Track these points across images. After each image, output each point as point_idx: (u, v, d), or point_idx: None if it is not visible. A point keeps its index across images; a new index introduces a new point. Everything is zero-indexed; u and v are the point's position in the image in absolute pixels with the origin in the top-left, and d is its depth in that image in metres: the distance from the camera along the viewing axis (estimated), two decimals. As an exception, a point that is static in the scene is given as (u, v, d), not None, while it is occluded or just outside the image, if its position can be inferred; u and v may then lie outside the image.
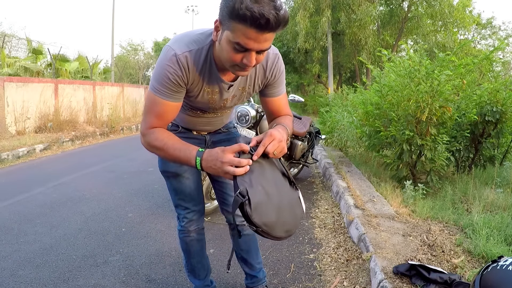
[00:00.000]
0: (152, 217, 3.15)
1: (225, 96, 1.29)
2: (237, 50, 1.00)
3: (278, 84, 1.33)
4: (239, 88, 1.29)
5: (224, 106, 1.36)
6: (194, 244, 1.67)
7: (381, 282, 1.80)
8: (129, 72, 27.18)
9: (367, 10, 13.86)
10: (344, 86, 12.79)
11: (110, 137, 8.98)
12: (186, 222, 1.60)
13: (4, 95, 7.25)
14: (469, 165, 3.93)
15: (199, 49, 1.14)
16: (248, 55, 1.01)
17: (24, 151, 6.06)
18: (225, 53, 1.04)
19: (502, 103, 3.49)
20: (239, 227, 1.60)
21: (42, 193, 3.82)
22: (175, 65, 1.11)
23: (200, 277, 1.75)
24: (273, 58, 1.26)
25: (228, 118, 1.58)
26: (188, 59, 1.13)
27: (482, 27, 19.62)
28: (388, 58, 3.89)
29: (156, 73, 1.15)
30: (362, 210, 2.87)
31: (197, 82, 1.20)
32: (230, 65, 1.07)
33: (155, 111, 1.18)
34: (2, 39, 11.03)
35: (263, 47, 1.00)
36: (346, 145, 6.05)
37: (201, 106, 1.34)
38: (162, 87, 1.14)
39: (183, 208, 1.58)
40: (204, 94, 1.25)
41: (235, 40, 0.98)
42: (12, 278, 2.07)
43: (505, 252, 2.07)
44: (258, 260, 1.79)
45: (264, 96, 1.36)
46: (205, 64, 1.16)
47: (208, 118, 1.46)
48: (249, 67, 1.05)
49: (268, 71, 1.27)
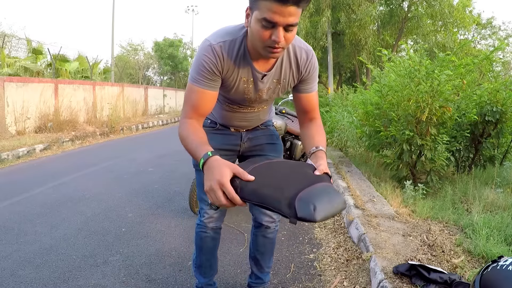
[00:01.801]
0: (152, 217, 3.15)
1: (260, 86, 1.32)
2: (265, 27, 1.05)
3: (311, 80, 1.36)
4: (273, 80, 1.32)
5: (259, 98, 1.38)
6: (208, 241, 1.68)
7: (381, 282, 1.80)
8: (129, 72, 27.16)
9: (367, 10, 13.86)
10: (344, 86, 12.79)
11: (110, 137, 8.97)
12: (207, 217, 1.62)
13: (4, 95, 7.25)
14: (469, 165, 3.93)
15: (233, 40, 1.21)
16: (275, 31, 1.05)
17: (24, 151, 6.06)
18: (255, 33, 1.09)
19: (502, 103, 3.49)
20: (264, 227, 1.65)
21: (42, 193, 3.82)
22: (210, 54, 1.19)
23: (206, 276, 1.76)
24: (307, 53, 1.30)
25: (265, 115, 1.59)
26: (223, 49, 1.20)
27: (482, 27, 19.63)
28: (388, 58, 3.89)
29: (194, 63, 1.23)
30: (362, 210, 2.87)
31: (231, 71, 1.25)
32: (261, 47, 1.11)
33: (192, 99, 1.24)
34: (2, 39, 11.03)
35: (288, 21, 1.03)
36: (346, 145, 6.05)
37: (237, 98, 1.38)
38: (198, 76, 1.21)
39: (207, 203, 1.59)
40: (240, 84, 1.29)
41: (262, 16, 1.03)
42: (12, 278, 2.07)
43: (505, 252, 2.07)
44: (268, 264, 1.81)
45: (298, 92, 1.38)
46: (239, 53, 1.22)
47: (245, 113, 1.49)
48: (279, 47, 1.08)
49: (302, 66, 1.30)
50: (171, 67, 26.84)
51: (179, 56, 26.79)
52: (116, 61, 21.51)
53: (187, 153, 1.19)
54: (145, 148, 7.20)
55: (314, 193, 0.94)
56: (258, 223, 1.69)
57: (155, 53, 27.63)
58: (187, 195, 3.69)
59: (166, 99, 17.62)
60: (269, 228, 1.67)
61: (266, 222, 1.65)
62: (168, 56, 26.29)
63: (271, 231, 1.69)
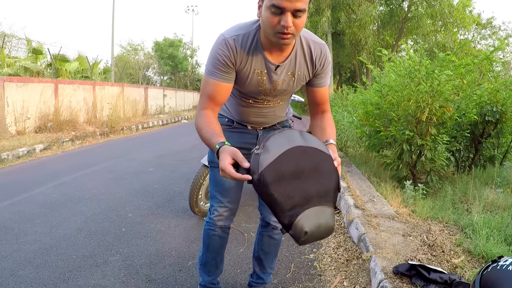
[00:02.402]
0: (152, 217, 3.15)
1: (274, 77, 1.34)
2: (274, 13, 1.11)
3: (325, 74, 1.41)
4: (288, 72, 1.35)
5: (274, 91, 1.40)
6: (216, 240, 1.69)
7: (381, 282, 1.80)
8: (129, 72, 27.16)
9: (367, 10, 13.88)
10: (344, 86, 12.79)
11: (110, 137, 8.97)
12: (216, 215, 1.63)
13: (4, 95, 7.25)
14: (469, 165, 3.93)
15: (246, 33, 1.27)
16: (284, 17, 1.10)
17: (24, 151, 6.06)
18: (265, 20, 1.15)
19: (502, 103, 3.49)
20: (271, 228, 1.66)
21: (42, 193, 3.82)
22: (223, 47, 1.25)
23: (210, 274, 1.77)
24: (321, 48, 1.35)
25: (282, 111, 1.59)
26: (236, 42, 1.26)
27: (482, 27, 19.64)
28: (388, 58, 3.89)
29: (209, 57, 1.30)
30: (362, 210, 2.87)
31: (245, 63, 1.29)
32: (272, 33, 1.16)
33: (207, 91, 1.31)
34: (2, 39, 11.03)
35: (296, 6, 1.09)
36: (346, 145, 6.05)
37: (252, 90, 1.40)
38: (213, 68, 1.28)
39: (217, 200, 1.61)
40: (254, 76, 1.33)
41: (271, 3, 1.09)
42: (12, 278, 2.07)
43: (505, 252, 2.07)
44: (271, 265, 1.82)
45: (311, 86, 1.43)
46: (252, 46, 1.27)
47: (260, 108, 1.51)
48: (289, 33, 1.13)
49: (317, 60, 1.35)
50: (171, 67, 26.81)
51: (179, 56, 26.75)
52: (116, 61, 21.51)
53: (187, 153, 1.22)
54: (145, 148, 7.20)
55: (312, 217, 1.07)
56: (265, 223, 1.69)
57: (155, 53, 27.60)
58: (187, 195, 3.69)
59: (166, 99, 17.62)
60: (276, 229, 1.67)
61: (274, 223, 1.65)
62: (168, 56, 26.26)
63: (278, 232, 1.69)
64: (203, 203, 3.09)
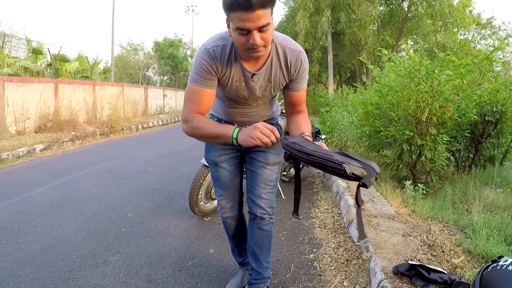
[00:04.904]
0: (152, 217, 3.15)
1: (251, 84, 1.44)
2: (242, 34, 1.18)
3: (301, 79, 1.48)
4: (264, 79, 1.44)
5: (253, 96, 1.50)
6: (232, 228, 1.87)
7: (381, 282, 1.80)
8: (129, 72, 27.18)
9: (367, 10, 13.86)
10: (344, 86, 12.80)
11: (110, 137, 8.98)
12: (220, 208, 1.80)
13: (4, 95, 7.25)
14: (469, 165, 3.93)
15: (225, 45, 1.36)
16: (251, 36, 1.17)
17: (24, 151, 6.06)
18: (235, 40, 1.23)
19: (502, 103, 3.49)
20: (259, 219, 1.71)
21: (42, 193, 3.82)
22: (205, 56, 1.35)
23: (241, 255, 2.00)
24: (296, 55, 1.41)
25: (266, 111, 1.67)
26: (216, 52, 1.35)
27: (482, 27, 19.63)
28: (388, 58, 3.89)
29: (193, 66, 1.39)
30: (362, 210, 2.87)
31: (225, 71, 1.39)
32: (244, 50, 1.24)
33: (193, 98, 1.40)
34: (2, 39, 11.03)
35: (259, 24, 1.15)
36: (346, 145, 6.04)
37: (232, 95, 1.50)
38: (197, 76, 1.37)
39: (218, 194, 1.78)
40: (233, 83, 1.43)
41: (236, 26, 1.17)
42: (12, 278, 2.07)
43: (505, 252, 2.07)
44: (267, 259, 1.84)
45: (288, 90, 1.52)
46: (231, 56, 1.36)
47: (244, 109, 1.60)
48: (258, 47, 1.21)
49: (291, 66, 1.42)
50: (171, 67, 26.82)
51: (179, 56, 26.75)
52: (116, 61, 21.52)
53: (187, 153, 1.23)
54: (145, 148, 7.20)
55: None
56: (253, 215, 1.73)
57: (155, 53, 27.60)
58: (187, 195, 3.69)
59: (166, 99, 17.62)
60: (263, 219, 1.71)
61: (260, 213, 1.68)
62: (168, 56, 26.26)
63: (266, 223, 1.73)
64: (203, 203, 3.09)
